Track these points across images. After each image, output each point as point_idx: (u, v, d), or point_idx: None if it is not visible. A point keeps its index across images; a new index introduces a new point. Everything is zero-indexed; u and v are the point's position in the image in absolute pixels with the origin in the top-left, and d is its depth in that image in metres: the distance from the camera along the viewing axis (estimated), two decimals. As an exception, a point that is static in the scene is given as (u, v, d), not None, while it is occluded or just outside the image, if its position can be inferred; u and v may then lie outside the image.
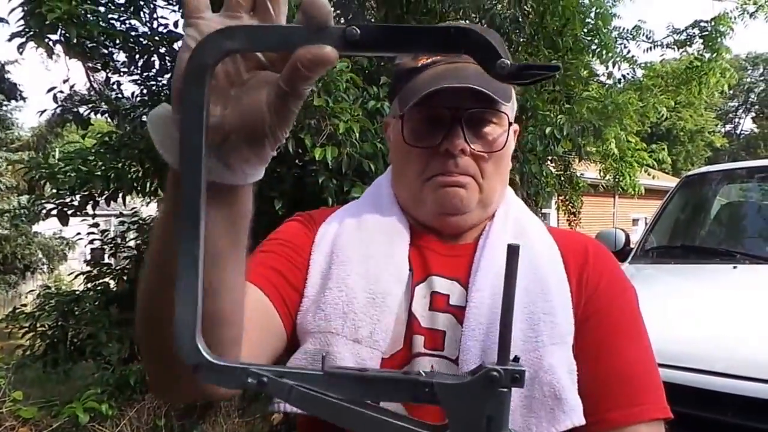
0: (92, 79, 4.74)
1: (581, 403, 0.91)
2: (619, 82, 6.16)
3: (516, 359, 0.51)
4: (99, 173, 3.58)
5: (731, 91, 32.36)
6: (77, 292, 4.13)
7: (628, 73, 6.30)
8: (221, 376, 0.49)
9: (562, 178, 6.68)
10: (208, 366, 0.49)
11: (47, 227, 11.32)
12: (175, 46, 4.14)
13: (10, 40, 3.60)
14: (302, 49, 0.48)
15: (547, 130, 3.94)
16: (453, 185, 0.99)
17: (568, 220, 7.76)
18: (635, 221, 19.78)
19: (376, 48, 0.49)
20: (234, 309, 0.69)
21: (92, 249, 5.07)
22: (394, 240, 1.03)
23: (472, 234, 1.07)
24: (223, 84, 0.53)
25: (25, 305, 4.43)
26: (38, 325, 3.91)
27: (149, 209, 4.84)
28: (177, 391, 0.70)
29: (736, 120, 46.50)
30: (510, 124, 1.03)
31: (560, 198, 7.64)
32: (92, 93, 4.62)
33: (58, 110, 4.27)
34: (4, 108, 13.37)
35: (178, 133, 0.50)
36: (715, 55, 6.09)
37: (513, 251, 0.50)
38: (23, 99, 13.26)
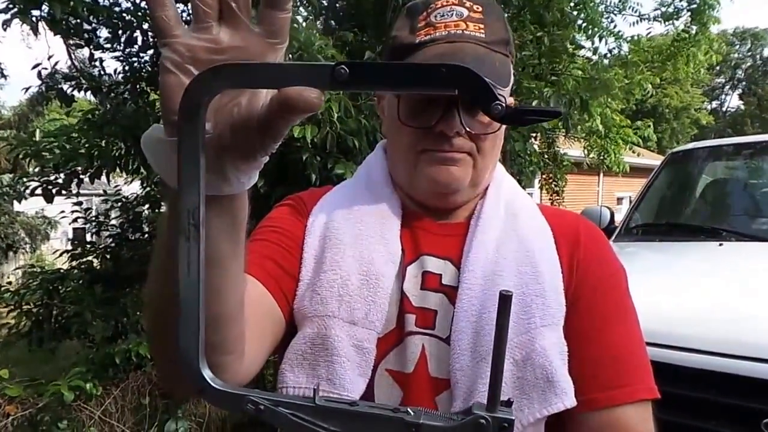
0: (74, 57, 4.68)
1: (572, 385, 0.91)
2: (605, 57, 6.15)
3: (509, 403, 0.52)
4: (83, 151, 3.55)
5: (718, 68, 32.45)
6: (62, 271, 4.11)
7: (614, 48, 6.30)
8: (223, 401, 0.53)
9: (546, 156, 6.68)
10: (212, 391, 0.53)
11: (30, 206, 11.23)
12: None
13: (-6, 16, 3.54)
14: (288, 91, 0.49)
15: (533, 103, 3.92)
16: (447, 162, 0.98)
17: (551, 199, 7.78)
18: (620, 200, 19.90)
19: (366, 86, 0.50)
20: (237, 307, 0.72)
21: (75, 229, 5.04)
22: (386, 221, 1.03)
23: (463, 212, 1.07)
24: (215, 101, 0.52)
25: (10, 283, 4.40)
26: (23, 303, 3.89)
27: (131, 188, 4.80)
28: (183, 388, 0.72)
29: (723, 97, 46.69)
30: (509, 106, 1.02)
31: (543, 176, 7.65)
32: (74, 71, 4.56)
33: (42, 87, 4.22)
34: (-14, 86, 13.20)
35: (174, 154, 0.51)
36: (703, 27, 6.08)
37: (505, 300, 0.51)
38: (4, 77, 13.09)
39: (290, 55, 2.89)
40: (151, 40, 4.09)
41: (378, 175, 1.11)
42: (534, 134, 4.95)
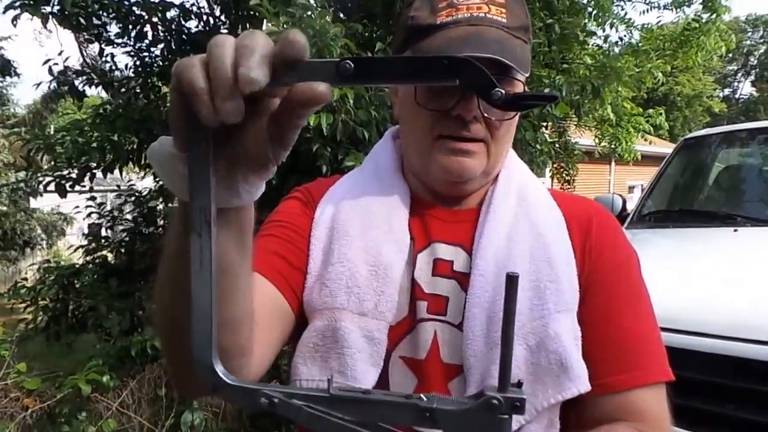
0: (85, 53, 4.71)
1: (586, 370, 0.92)
2: (616, 45, 6.10)
3: (519, 384, 0.53)
4: (95, 145, 3.57)
5: (730, 55, 32.15)
6: (77, 266, 4.15)
7: (624, 36, 6.25)
8: (237, 396, 0.55)
9: (557, 145, 6.65)
10: (226, 387, 0.54)
11: (45, 203, 11.34)
12: (168, 15, 4.10)
13: (5, 12, 3.56)
14: (298, 86, 0.50)
15: (545, 91, 3.89)
16: (460, 153, 0.98)
17: (562, 188, 7.75)
18: (631, 188, 19.77)
19: (371, 80, 0.51)
20: (247, 311, 0.75)
21: (89, 224, 5.07)
22: (393, 210, 1.03)
23: (475, 199, 1.07)
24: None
25: (25, 279, 4.44)
26: (40, 298, 3.93)
27: (144, 182, 4.84)
28: (195, 388, 0.73)
29: (735, 84, 46.25)
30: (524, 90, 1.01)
31: (555, 165, 7.62)
32: (84, 66, 4.59)
33: (53, 84, 4.25)
34: (0, 84, 13.31)
35: (183, 168, 0.54)
36: (714, 15, 6.01)
37: (511, 281, 0.51)
38: (17, 75, 13.19)
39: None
40: (161, 34, 4.10)
41: (386, 164, 1.11)
42: (545, 123, 4.91)
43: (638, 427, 0.91)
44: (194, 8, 4.28)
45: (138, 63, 4.29)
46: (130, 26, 4.04)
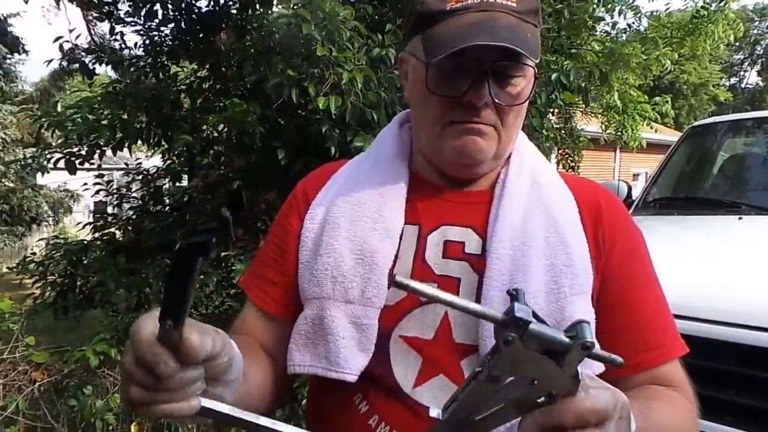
0: (93, 32, 4.71)
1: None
2: (624, 32, 6.08)
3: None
4: (105, 122, 3.58)
5: (737, 44, 31.89)
6: (85, 242, 4.17)
7: (633, 23, 6.22)
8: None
9: (563, 132, 6.64)
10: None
11: (52, 180, 11.38)
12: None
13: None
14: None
15: (553, 76, 3.89)
16: (473, 133, 0.99)
17: (567, 173, 7.75)
18: (636, 176, 19.71)
19: None
20: (257, 384, 0.98)
21: (96, 202, 5.09)
22: (386, 198, 1.05)
23: (486, 181, 1.08)
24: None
25: (34, 253, 4.47)
26: (48, 273, 3.96)
27: (152, 161, 4.86)
28: None
29: (742, 73, 45.94)
30: (535, 77, 1.02)
31: (560, 152, 7.62)
32: (92, 45, 4.59)
33: (63, 61, 4.25)
34: (8, 61, 13.30)
35: None
36: (723, 3, 5.98)
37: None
38: (26, 52, 13.21)
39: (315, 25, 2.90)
40: (171, 13, 4.10)
41: (388, 150, 1.12)
42: (551, 110, 4.92)
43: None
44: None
45: (148, 42, 4.29)
46: (141, 5, 4.03)
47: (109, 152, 3.84)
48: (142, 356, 0.68)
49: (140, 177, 4.57)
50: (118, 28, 4.34)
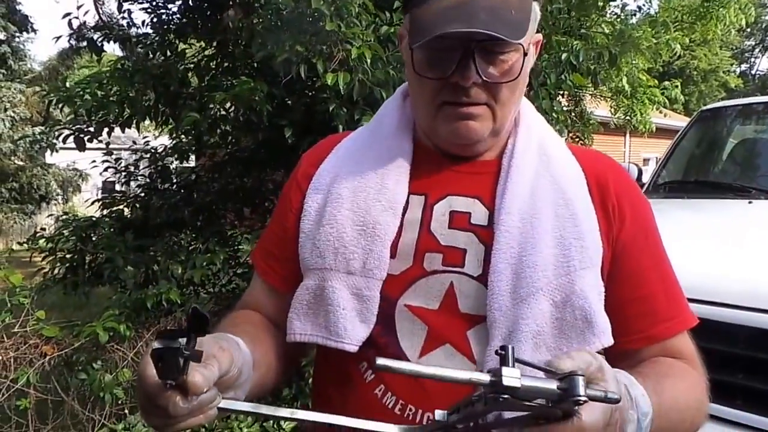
0: (101, 10, 4.70)
1: (610, 325, 0.95)
2: (634, 15, 6.01)
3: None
4: (114, 99, 3.59)
5: (748, 30, 31.50)
6: (94, 218, 4.18)
7: (643, 5, 6.16)
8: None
9: (573, 114, 6.60)
10: None
11: (61, 159, 11.43)
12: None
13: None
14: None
15: (563, 56, 3.86)
16: (465, 117, 0.98)
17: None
18: (646, 161, 19.58)
19: None
20: (267, 365, 1.01)
21: (104, 181, 5.11)
22: (389, 169, 1.05)
23: (492, 151, 1.07)
24: None
25: (44, 229, 4.50)
26: (58, 250, 3.98)
27: (160, 140, 4.87)
28: None
29: (752, 60, 45.45)
30: (525, 53, 0.97)
31: (570, 135, 7.58)
32: (100, 23, 4.58)
33: (72, 39, 4.25)
34: (17, 40, 13.32)
35: None
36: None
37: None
38: (34, 31, 13.21)
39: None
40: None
41: (391, 121, 1.12)
42: (561, 92, 4.89)
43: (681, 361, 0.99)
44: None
45: (155, 20, 4.28)
46: (149, -19, 4.03)
47: (117, 132, 3.84)
48: (153, 400, 0.73)
49: (148, 155, 4.58)
50: (126, 5, 4.34)
